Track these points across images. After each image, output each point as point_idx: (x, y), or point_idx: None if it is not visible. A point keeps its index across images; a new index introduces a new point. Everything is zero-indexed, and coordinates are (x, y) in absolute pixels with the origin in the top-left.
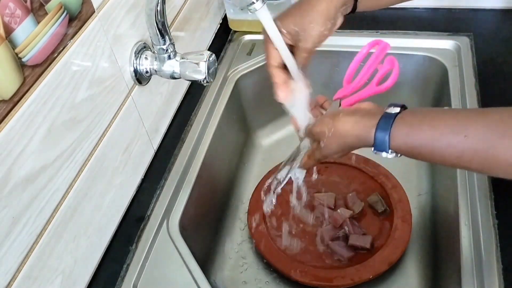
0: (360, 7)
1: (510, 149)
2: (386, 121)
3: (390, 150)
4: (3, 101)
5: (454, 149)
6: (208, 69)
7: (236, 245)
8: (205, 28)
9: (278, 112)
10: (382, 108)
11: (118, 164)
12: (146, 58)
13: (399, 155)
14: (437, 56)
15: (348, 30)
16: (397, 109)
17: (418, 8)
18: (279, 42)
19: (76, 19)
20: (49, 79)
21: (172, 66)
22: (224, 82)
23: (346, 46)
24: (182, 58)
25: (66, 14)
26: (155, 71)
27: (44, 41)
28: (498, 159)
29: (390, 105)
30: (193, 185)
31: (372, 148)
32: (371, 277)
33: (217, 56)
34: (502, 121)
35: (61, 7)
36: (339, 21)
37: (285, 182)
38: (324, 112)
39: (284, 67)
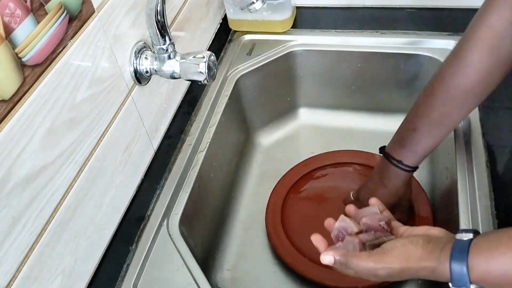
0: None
1: None
2: (461, 249)
3: (471, 285)
4: (3, 101)
5: None
6: (208, 69)
7: (236, 245)
8: (205, 28)
9: (278, 112)
10: (452, 235)
11: (118, 164)
12: (146, 58)
13: None
14: (437, 56)
15: (348, 30)
16: (470, 235)
17: (418, 8)
18: None
19: (76, 19)
20: (49, 79)
21: (172, 66)
22: (224, 82)
23: (346, 46)
24: (182, 58)
25: (66, 14)
26: (155, 71)
27: (44, 41)
28: None
29: (460, 231)
30: (193, 185)
31: (450, 284)
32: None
33: (217, 56)
34: None
35: (61, 7)
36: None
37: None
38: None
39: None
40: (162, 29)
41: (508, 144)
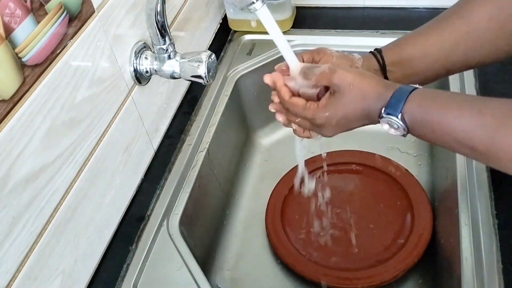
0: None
1: None
2: (406, 88)
3: (400, 115)
4: (3, 101)
5: (464, 123)
6: (208, 69)
7: (236, 245)
8: (205, 28)
9: None
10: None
11: (118, 164)
12: (146, 58)
13: (406, 131)
14: None
15: (348, 30)
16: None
17: (418, 8)
18: (279, 38)
19: (76, 19)
20: (49, 79)
21: (172, 66)
22: (224, 82)
23: (346, 46)
24: (182, 58)
25: (66, 14)
26: (155, 71)
27: (44, 41)
28: (504, 145)
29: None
30: (193, 185)
31: (383, 110)
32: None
33: (217, 56)
34: None
35: (61, 7)
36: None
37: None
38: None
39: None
40: (162, 29)
41: None
